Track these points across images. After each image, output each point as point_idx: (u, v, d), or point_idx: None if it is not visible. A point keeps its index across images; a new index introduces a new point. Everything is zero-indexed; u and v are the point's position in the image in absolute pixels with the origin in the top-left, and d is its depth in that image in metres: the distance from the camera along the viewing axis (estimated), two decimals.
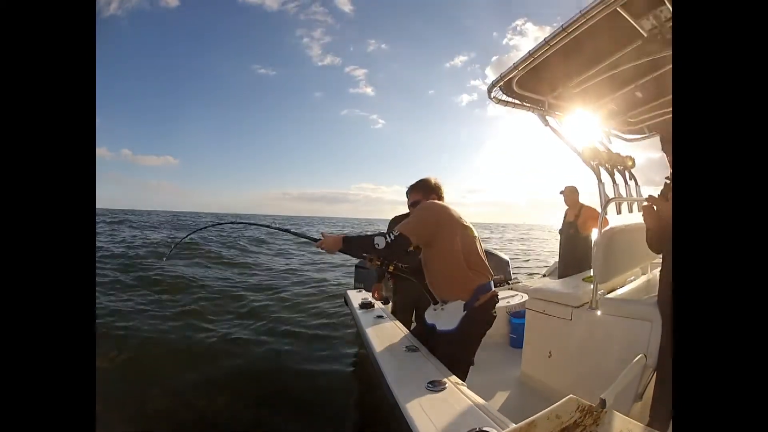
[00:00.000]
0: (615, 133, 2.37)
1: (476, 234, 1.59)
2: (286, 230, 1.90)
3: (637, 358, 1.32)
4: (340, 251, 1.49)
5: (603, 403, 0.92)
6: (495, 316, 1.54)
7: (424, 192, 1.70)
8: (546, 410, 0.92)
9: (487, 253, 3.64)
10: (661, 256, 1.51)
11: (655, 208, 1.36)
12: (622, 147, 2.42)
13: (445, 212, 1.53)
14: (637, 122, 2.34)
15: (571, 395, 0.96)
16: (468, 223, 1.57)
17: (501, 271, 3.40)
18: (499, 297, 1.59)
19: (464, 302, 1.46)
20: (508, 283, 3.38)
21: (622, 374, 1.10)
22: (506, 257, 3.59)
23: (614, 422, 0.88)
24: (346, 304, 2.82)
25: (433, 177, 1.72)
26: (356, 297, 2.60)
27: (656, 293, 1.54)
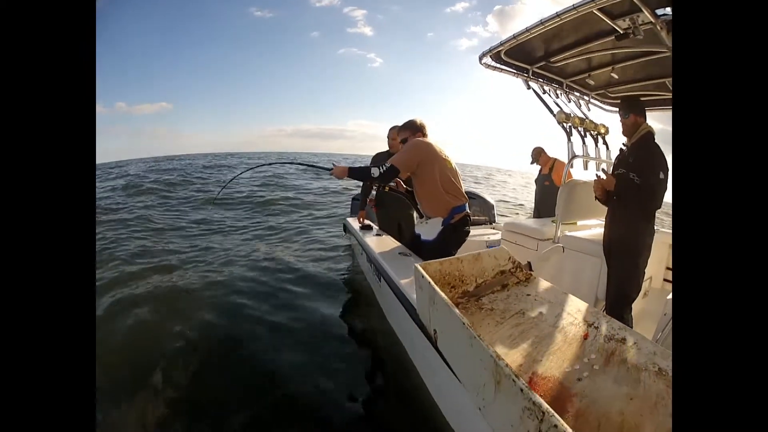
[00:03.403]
0: (595, 103, 2.77)
1: (454, 166, 1.97)
2: (303, 164, 2.29)
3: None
4: (347, 177, 1.88)
5: (529, 265, 1.39)
6: (468, 232, 1.99)
7: (411, 130, 2.04)
8: (487, 250, 1.39)
9: (476, 195, 4.01)
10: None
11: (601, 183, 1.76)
12: (603, 115, 2.82)
13: (428, 148, 1.88)
14: (616, 97, 2.76)
15: (502, 246, 1.44)
16: (447, 156, 1.94)
17: (486, 212, 3.80)
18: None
19: (443, 218, 1.90)
20: (491, 224, 3.75)
21: (546, 250, 1.47)
22: (492, 201, 3.94)
23: (542, 285, 1.31)
24: (345, 230, 3.34)
25: (419, 118, 2.06)
26: (356, 223, 3.05)
27: None
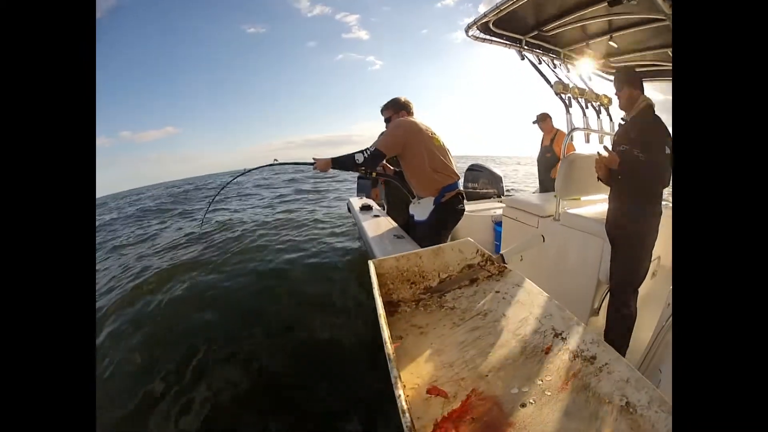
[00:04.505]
0: (597, 73, 2.58)
1: (442, 143, 1.85)
2: (286, 163, 2.19)
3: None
4: (332, 168, 1.79)
5: (502, 257, 1.19)
6: (462, 210, 1.87)
7: (395, 109, 1.98)
8: (449, 243, 1.21)
9: (484, 168, 3.82)
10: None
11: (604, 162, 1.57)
12: (606, 86, 2.62)
13: (413, 127, 1.78)
14: (617, 67, 2.52)
15: (468, 238, 1.23)
16: (435, 134, 1.83)
17: (494, 185, 3.64)
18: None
19: (434, 198, 1.82)
20: (499, 197, 3.58)
21: (524, 240, 1.28)
22: (500, 173, 3.76)
23: (515, 281, 1.10)
24: (349, 211, 3.33)
25: (403, 96, 2.00)
26: (357, 202, 3.03)
27: None
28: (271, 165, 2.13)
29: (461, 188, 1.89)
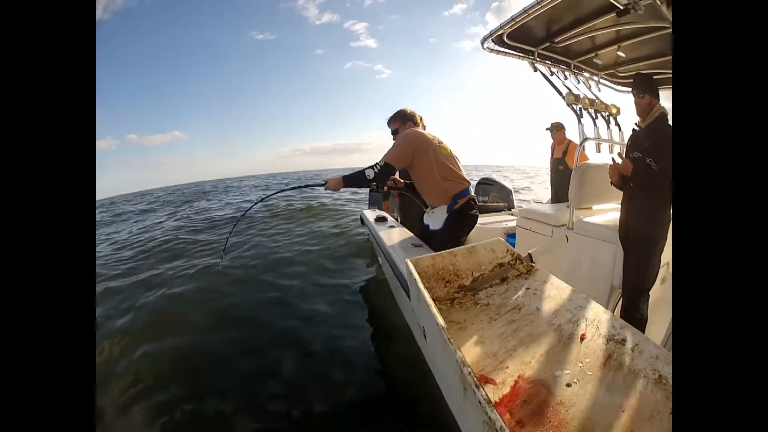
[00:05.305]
0: (605, 83, 2.66)
1: (450, 151, 1.90)
2: (297, 187, 2.38)
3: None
4: (343, 187, 1.82)
5: (530, 257, 1.28)
6: (476, 216, 1.92)
7: (401, 121, 2.04)
8: (482, 242, 1.31)
9: (494, 181, 3.94)
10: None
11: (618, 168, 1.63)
12: (614, 95, 2.71)
13: (420, 138, 1.83)
14: (625, 76, 2.62)
15: (499, 237, 1.33)
16: (442, 143, 1.88)
17: (504, 198, 3.74)
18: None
19: (446, 206, 1.86)
20: (510, 210, 3.66)
21: (547, 240, 1.39)
22: (510, 186, 3.85)
23: (544, 278, 1.20)
24: (362, 223, 3.34)
25: (409, 107, 2.06)
26: (371, 215, 3.05)
27: None
28: (283, 191, 2.47)
29: (473, 194, 1.93)
